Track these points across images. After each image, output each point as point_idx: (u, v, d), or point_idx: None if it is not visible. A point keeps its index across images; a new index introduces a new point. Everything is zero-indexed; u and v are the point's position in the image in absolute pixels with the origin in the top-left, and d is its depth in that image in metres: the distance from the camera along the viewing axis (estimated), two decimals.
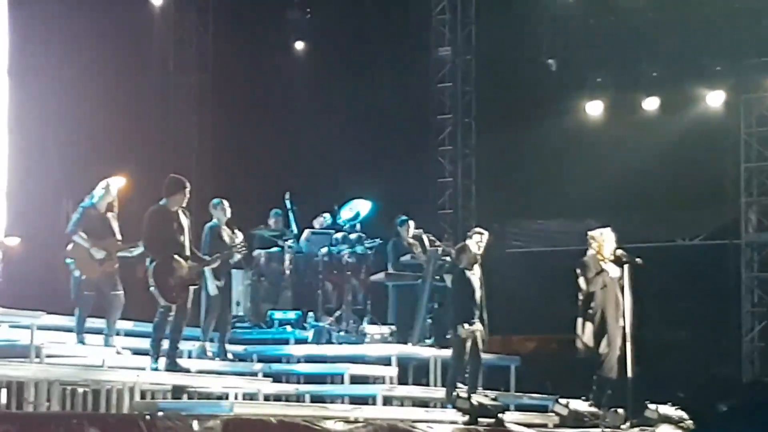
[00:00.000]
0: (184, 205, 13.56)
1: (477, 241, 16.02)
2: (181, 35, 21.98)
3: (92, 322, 13.83)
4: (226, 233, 15.09)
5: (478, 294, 14.92)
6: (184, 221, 13.51)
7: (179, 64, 21.88)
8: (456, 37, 23.24)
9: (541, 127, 21.56)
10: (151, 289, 13.16)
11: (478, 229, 16.75)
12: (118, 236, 13.81)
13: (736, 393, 20.04)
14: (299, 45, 22.67)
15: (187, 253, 13.46)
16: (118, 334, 14.61)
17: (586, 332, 14.71)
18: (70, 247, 13.66)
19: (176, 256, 13.28)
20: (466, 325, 14.61)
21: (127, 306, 14.12)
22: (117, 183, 14.08)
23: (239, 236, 15.22)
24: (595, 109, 21.77)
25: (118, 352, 13.52)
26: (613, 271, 14.68)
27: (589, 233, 15.15)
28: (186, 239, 13.49)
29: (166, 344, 13.45)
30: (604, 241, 14.98)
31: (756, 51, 20.57)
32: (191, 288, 13.51)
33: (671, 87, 21.14)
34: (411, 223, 17.61)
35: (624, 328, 14.63)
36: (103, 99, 19.05)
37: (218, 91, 22.10)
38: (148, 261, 13.34)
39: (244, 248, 14.95)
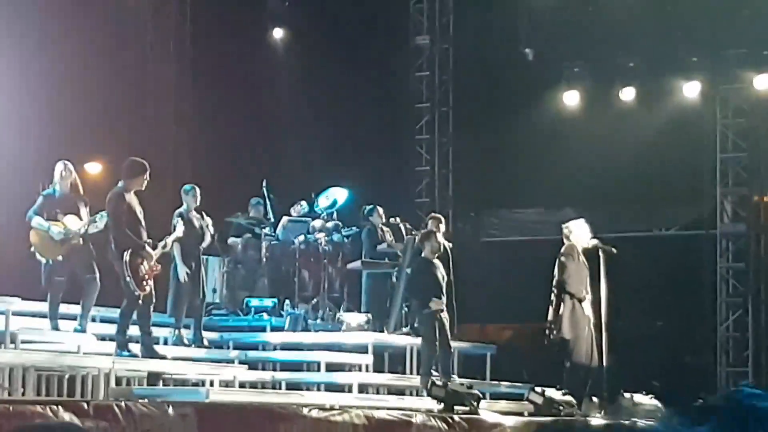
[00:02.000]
0: (142, 188, 13.46)
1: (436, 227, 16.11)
2: (159, 22, 21.89)
3: (68, 308, 13.78)
4: (195, 219, 15.08)
5: (443, 282, 14.96)
6: (138, 204, 13.43)
7: (157, 50, 21.80)
8: (434, 26, 23.20)
9: (518, 116, 21.57)
10: (127, 279, 13.11)
11: (436, 215, 16.77)
12: (84, 216, 13.67)
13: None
14: (278, 32, 22.62)
15: (145, 237, 13.40)
16: (93, 320, 14.61)
17: (558, 322, 14.77)
18: (31, 234, 13.56)
19: (146, 246, 13.25)
20: (434, 303, 14.64)
21: (104, 292, 14.09)
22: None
23: (208, 220, 15.20)
24: (571, 99, 21.80)
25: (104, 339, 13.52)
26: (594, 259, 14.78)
27: (564, 225, 15.21)
28: (143, 224, 13.44)
29: (133, 331, 13.42)
30: (578, 232, 15.04)
31: (732, 42, 20.61)
32: (155, 272, 13.47)
33: (648, 78, 21.17)
34: (380, 209, 17.62)
35: (598, 317, 14.71)
36: (79, 86, 18.98)
37: (196, 78, 22.02)
38: (113, 245, 13.23)
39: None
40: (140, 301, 13.26)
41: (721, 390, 19.85)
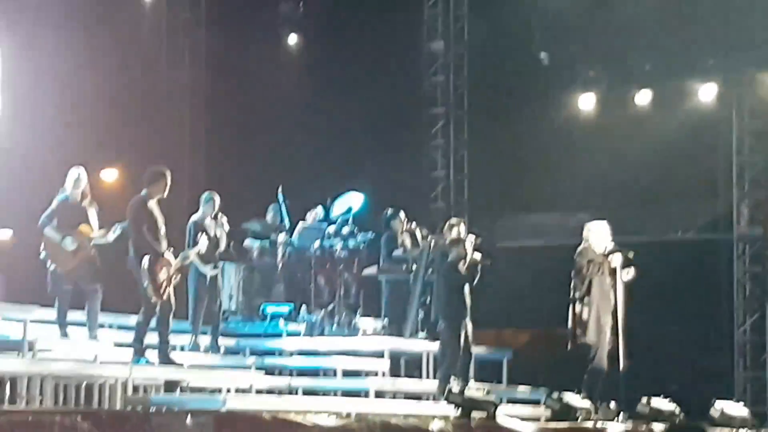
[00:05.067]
0: (164, 195, 13.52)
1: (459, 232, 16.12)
2: (174, 29, 21.94)
3: (79, 315, 13.77)
4: (209, 227, 15.09)
5: (467, 287, 15.04)
6: (160, 213, 13.47)
7: (171, 58, 21.85)
8: (448, 31, 23.20)
9: (533, 120, 21.55)
10: (144, 284, 13.15)
11: (455, 221, 16.71)
12: (94, 224, 13.69)
13: None
14: (292, 38, 22.64)
15: (165, 245, 13.43)
16: (111, 327, 14.65)
17: (579, 325, 14.72)
18: (44, 241, 13.58)
19: (166, 252, 13.29)
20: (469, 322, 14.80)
21: (121, 299, 14.11)
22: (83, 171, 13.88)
23: (223, 219, 15.23)
24: (587, 102, 21.76)
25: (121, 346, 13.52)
26: (611, 262, 14.73)
27: (585, 225, 15.18)
28: (164, 232, 13.47)
29: (150, 339, 13.44)
30: (598, 234, 15.01)
31: (748, 44, 20.58)
32: (174, 281, 13.48)
33: (664, 80, 21.14)
34: (402, 215, 17.62)
35: (615, 321, 14.67)
36: (95, 94, 19.04)
37: (211, 85, 22.08)
38: (132, 252, 13.28)
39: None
40: (158, 309, 13.28)
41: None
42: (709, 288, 21.30)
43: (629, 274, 14.79)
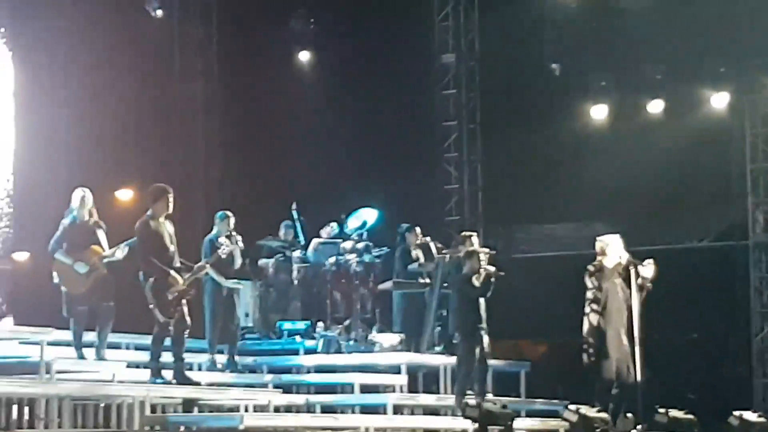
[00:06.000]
0: (169, 211, 13.50)
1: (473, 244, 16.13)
2: (186, 46, 22.01)
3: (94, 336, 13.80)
4: (225, 244, 15.10)
5: (482, 300, 15.07)
6: (170, 229, 13.47)
7: (184, 74, 21.91)
8: (459, 44, 23.24)
9: (546, 131, 21.57)
10: (150, 306, 13.16)
11: (468, 233, 16.71)
12: (104, 243, 13.65)
13: None
14: (303, 54, 22.70)
15: (177, 263, 13.42)
16: (127, 348, 14.69)
17: (594, 335, 14.72)
18: (54, 265, 13.55)
19: (172, 272, 13.26)
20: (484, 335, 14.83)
21: (136, 319, 14.15)
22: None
23: (237, 237, 15.23)
24: (599, 112, 21.79)
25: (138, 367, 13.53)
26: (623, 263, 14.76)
27: (598, 238, 15.20)
28: (174, 248, 13.46)
29: (165, 358, 13.44)
30: (611, 245, 15.01)
31: (759, 51, 20.58)
32: (186, 299, 13.46)
33: (675, 89, 21.16)
34: (417, 229, 17.64)
35: (629, 331, 14.65)
36: (108, 112, 19.12)
37: (223, 102, 22.14)
38: (141, 275, 13.29)
39: (224, 250, 14.71)
40: (171, 327, 13.28)
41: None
42: (725, 296, 21.27)
43: (650, 270, 14.74)
